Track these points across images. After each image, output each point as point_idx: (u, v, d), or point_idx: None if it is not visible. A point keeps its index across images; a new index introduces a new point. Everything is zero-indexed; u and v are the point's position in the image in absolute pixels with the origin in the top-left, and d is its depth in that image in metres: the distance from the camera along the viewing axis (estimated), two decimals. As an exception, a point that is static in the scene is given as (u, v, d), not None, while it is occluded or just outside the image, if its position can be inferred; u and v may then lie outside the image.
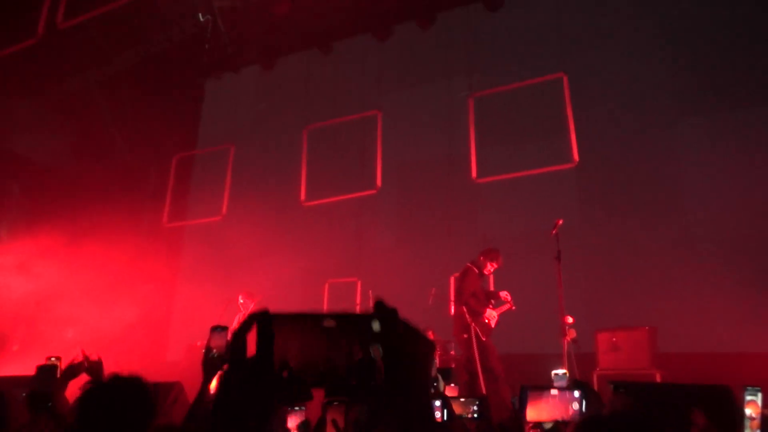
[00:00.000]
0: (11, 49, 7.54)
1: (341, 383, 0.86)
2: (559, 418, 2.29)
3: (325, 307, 8.78)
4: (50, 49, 8.11)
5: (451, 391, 3.92)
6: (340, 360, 0.86)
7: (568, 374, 2.99)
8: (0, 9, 8.13)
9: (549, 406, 2.33)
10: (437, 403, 2.56)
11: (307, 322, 0.88)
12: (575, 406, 2.28)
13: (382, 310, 0.88)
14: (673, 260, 7.25)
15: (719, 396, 3.76)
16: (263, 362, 0.86)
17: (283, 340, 0.87)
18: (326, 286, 8.98)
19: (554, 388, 2.40)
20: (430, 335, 7.85)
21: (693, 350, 6.61)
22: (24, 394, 3.03)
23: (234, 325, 7.83)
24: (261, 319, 0.88)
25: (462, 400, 2.78)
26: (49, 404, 2.66)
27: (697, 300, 6.89)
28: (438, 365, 7.22)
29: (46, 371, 2.84)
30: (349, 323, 0.88)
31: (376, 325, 0.86)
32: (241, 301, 7.90)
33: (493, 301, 6.62)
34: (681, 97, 7.83)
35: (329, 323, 0.88)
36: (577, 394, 2.27)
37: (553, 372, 3.06)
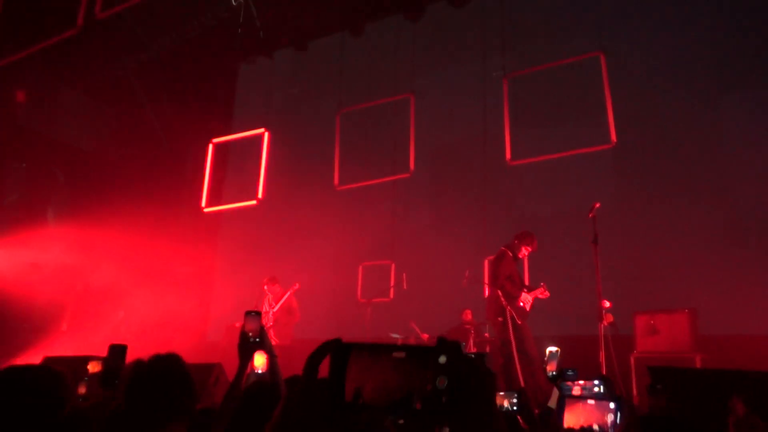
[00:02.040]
0: (53, 40, 7.74)
1: (414, 412, 0.90)
2: (594, 426, 2.32)
3: (359, 289, 8.87)
4: (90, 39, 8.30)
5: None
6: (413, 390, 0.91)
7: (559, 351, 2.96)
8: (42, 2, 8.36)
9: (586, 413, 2.35)
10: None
11: (378, 352, 0.92)
12: (610, 417, 2.31)
13: (446, 344, 0.93)
14: (715, 241, 7.07)
15: (762, 383, 3.68)
16: (335, 388, 0.91)
17: (355, 368, 0.92)
18: (360, 268, 9.07)
19: (591, 398, 2.41)
20: (468, 315, 7.88)
21: (735, 332, 6.47)
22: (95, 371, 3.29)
23: (263, 309, 8.00)
24: (335, 347, 0.93)
25: (501, 393, 2.80)
26: (117, 381, 2.83)
27: (741, 282, 6.71)
28: (473, 350, 7.27)
29: (117, 350, 3.03)
30: (417, 355, 0.92)
31: (442, 358, 0.91)
32: (266, 287, 8.07)
33: (527, 286, 6.59)
34: (725, 70, 7.54)
35: (399, 355, 0.92)
36: (612, 405, 2.32)
37: (548, 349, 3.04)
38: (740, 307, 6.54)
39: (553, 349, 2.94)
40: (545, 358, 2.93)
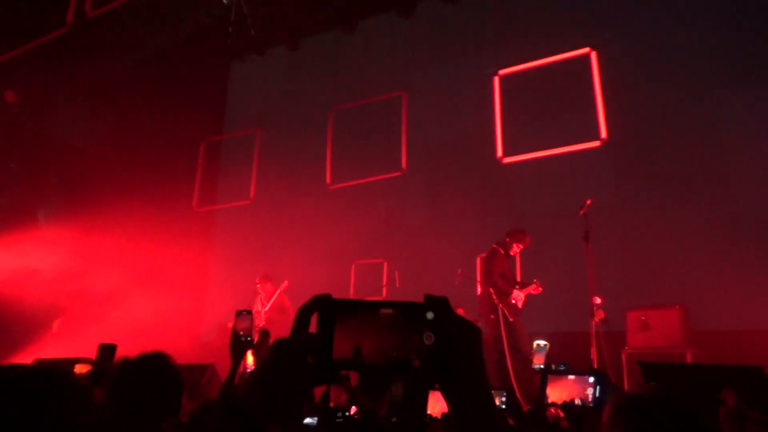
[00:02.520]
0: (43, 39, 7.70)
1: (414, 370, 0.91)
2: (576, 400, 2.37)
3: (352, 288, 8.88)
4: (81, 38, 8.26)
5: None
6: (409, 348, 0.92)
7: (548, 345, 3.00)
8: (33, 0, 8.30)
9: (567, 389, 2.42)
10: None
11: (365, 309, 0.92)
12: (590, 390, 2.38)
13: (432, 300, 0.93)
14: (706, 237, 7.10)
15: (752, 377, 3.72)
16: (323, 344, 0.92)
17: (348, 326, 0.93)
18: (353, 267, 9.07)
19: (572, 373, 2.47)
20: (461, 312, 7.91)
21: (726, 328, 6.51)
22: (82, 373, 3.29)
23: (255, 308, 7.99)
24: (323, 304, 0.94)
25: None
26: (104, 381, 2.85)
27: (731, 277, 6.75)
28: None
29: (107, 349, 3.04)
30: (405, 311, 0.93)
31: (429, 314, 0.91)
32: (258, 285, 8.06)
33: (519, 282, 6.62)
34: (718, 67, 7.56)
35: (386, 311, 0.93)
36: (591, 380, 2.39)
37: (535, 342, 3.06)
38: (731, 303, 6.58)
39: (542, 342, 2.96)
40: (532, 351, 2.97)
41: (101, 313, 8.76)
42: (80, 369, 3.57)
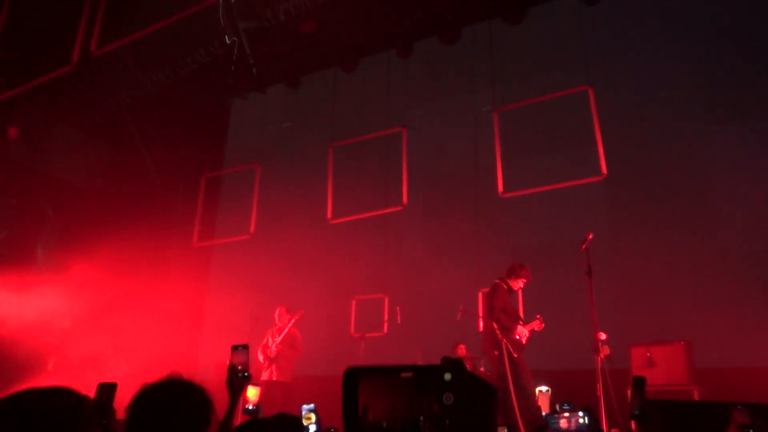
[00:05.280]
0: (48, 76, 7.81)
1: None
2: None
3: (352, 323, 8.78)
4: (84, 76, 8.37)
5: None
6: (419, 411, 0.91)
7: (550, 390, 2.98)
8: (38, 39, 8.44)
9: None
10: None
11: (386, 374, 0.92)
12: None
13: (449, 362, 0.94)
14: (708, 273, 7.09)
15: (761, 415, 3.64)
16: (350, 413, 0.92)
17: (365, 390, 0.93)
18: (353, 302, 8.99)
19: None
20: (462, 350, 7.80)
21: (731, 365, 6.43)
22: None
23: (264, 341, 7.90)
24: (349, 374, 0.94)
25: None
26: (104, 421, 2.75)
27: (735, 313, 6.71)
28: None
29: (107, 389, 2.95)
30: (424, 375, 0.93)
31: (447, 376, 0.92)
32: (278, 315, 7.99)
33: (522, 318, 6.55)
34: (712, 104, 7.70)
35: (406, 375, 0.93)
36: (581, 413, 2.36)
37: (538, 389, 3.04)
38: (736, 339, 6.52)
39: (543, 388, 2.95)
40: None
41: (97, 351, 8.62)
42: None
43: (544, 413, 2.81)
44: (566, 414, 2.71)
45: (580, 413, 2.65)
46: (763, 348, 6.39)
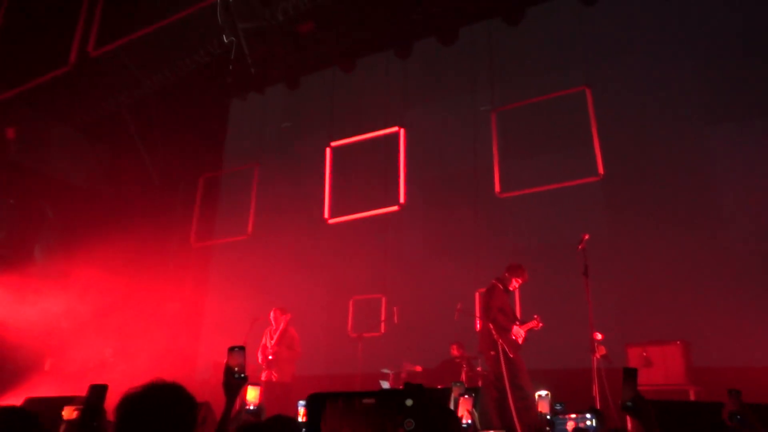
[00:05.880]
0: (46, 77, 7.81)
1: None
2: None
3: (350, 323, 8.79)
4: (82, 76, 8.38)
5: (465, 402, 3.82)
6: None
7: (549, 395, 3.00)
8: (35, 40, 8.45)
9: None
10: None
11: (350, 399, 0.95)
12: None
13: (411, 388, 0.97)
14: (705, 272, 7.09)
15: (763, 416, 3.65)
16: None
17: (331, 416, 0.96)
18: (351, 302, 9.00)
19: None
20: (455, 349, 7.81)
21: (728, 365, 6.44)
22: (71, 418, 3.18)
23: (263, 341, 7.90)
24: (312, 400, 0.97)
25: None
26: (95, 423, 2.76)
27: (733, 313, 6.72)
28: (465, 383, 7.18)
29: (97, 390, 2.95)
30: (386, 400, 0.95)
31: (408, 401, 0.94)
32: (272, 316, 7.97)
33: (519, 318, 6.57)
34: (710, 104, 7.71)
35: (369, 401, 0.96)
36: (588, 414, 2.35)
37: (537, 393, 3.06)
38: (734, 339, 6.53)
39: (543, 392, 2.96)
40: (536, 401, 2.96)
41: (94, 351, 8.63)
42: (68, 414, 3.45)
43: (548, 416, 2.83)
44: (573, 415, 2.71)
45: (588, 415, 2.65)
46: (761, 348, 6.40)
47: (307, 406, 0.93)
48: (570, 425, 2.82)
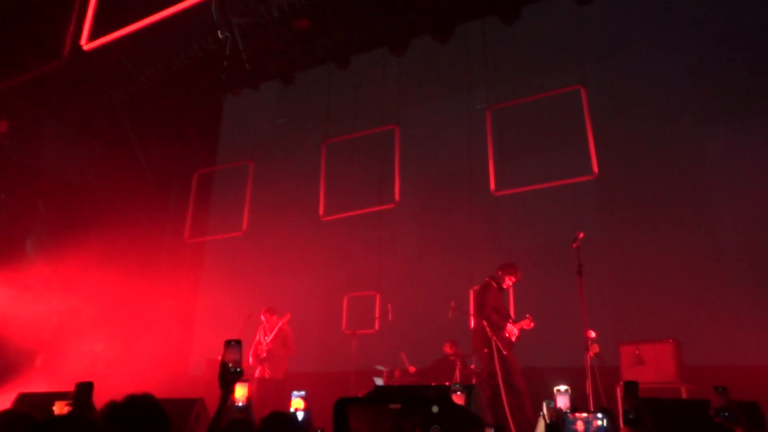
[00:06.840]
0: (38, 71, 7.75)
1: None
2: None
3: (344, 320, 8.79)
4: (76, 71, 8.32)
5: (458, 399, 3.84)
6: None
7: (569, 390, 2.98)
8: (28, 33, 8.37)
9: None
10: None
11: (376, 405, 0.95)
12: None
13: (437, 393, 0.97)
14: (698, 272, 7.14)
15: (748, 413, 3.68)
16: None
17: (354, 419, 0.96)
18: (345, 299, 8.99)
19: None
20: (448, 347, 7.82)
21: (720, 363, 6.48)
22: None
23: (256, 338, 7.89)
24: (339, 405, 0.97)
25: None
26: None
27: (724, 312, 6.76)
28: (458, 381, 7.20)
29: (84, 388, 2.93)
30: (411, 406, 0.96)
31: (434, 408, 0.95)
32: (263, 317, 7.99)
33: (513, 317, 6.58)
34: (704, 104, 7.75)
35: (395, 406, 0.96)
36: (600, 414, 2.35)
37: (556, 388, 3.04)
38: (725, 338, 6.57)
39: (562, 387, 2.95)
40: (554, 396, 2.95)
41: (86, 347, 8.58)
42: (59, 409, 3.44)
43: (568, 412, 2.82)
44: (584, 414, 2.70)
45: (599, 414, 2.64)
46: (752, 346, 6.45)
47: (334, 411, 0.94)
48: (579, 425, 2.82)
